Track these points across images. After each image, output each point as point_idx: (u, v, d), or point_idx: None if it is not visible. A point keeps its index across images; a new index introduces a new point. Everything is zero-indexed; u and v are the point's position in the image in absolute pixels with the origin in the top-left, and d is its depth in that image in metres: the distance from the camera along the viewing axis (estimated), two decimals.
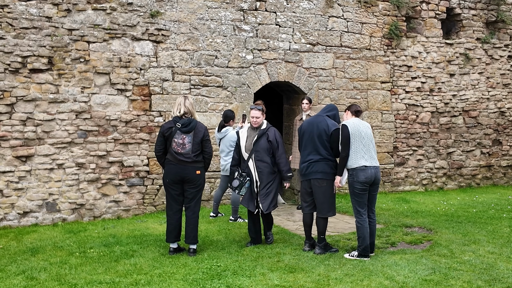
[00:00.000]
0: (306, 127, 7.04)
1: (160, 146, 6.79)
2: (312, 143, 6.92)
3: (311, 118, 7.21)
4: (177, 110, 6.77)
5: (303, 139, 7.06)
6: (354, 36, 10.82)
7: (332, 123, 6.94)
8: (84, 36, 8.65)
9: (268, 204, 7.13)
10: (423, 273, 5.94)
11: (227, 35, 9.71)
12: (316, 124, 6.96)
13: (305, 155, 6.99)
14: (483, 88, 12.25)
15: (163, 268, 6.14)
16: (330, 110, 7.19)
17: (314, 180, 6.89)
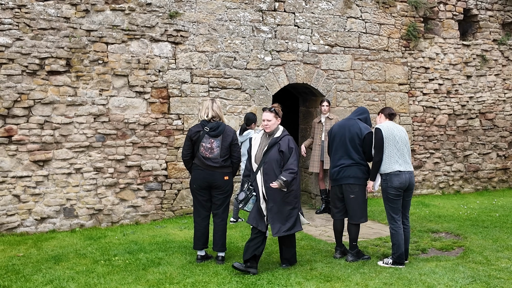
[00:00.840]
0: (337, 130, 6.85)
1: (187, 150, 6.60)
2: (344, 147, 6.71)
3: (342, 121, 7.00)
4: (204, 113, 6.58)
5: (333, 142, 6.86)
6: (372, 37, 10.66)
7: (364, 126, 6.76)
8: (103, 37, 8.44)
9: (279, 227, 6.11)
10: (463, 281, 5.77)
11: (246, 36, 9.53)
12: (348, 127, 6.75)
13: (336, 159, 6.79)
14: (500, 90, 12.12)
15: (195, 277, 5.95)
16: (362, 113, 6.99)
17: (346, 186, 6.70)
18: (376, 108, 10.76)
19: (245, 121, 8.52)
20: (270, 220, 6.11)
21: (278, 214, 6.10)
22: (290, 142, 6.24)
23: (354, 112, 7.10)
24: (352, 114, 7.09)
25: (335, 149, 6.80)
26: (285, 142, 6.21)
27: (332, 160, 6.88)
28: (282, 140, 6.22)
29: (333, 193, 6.90)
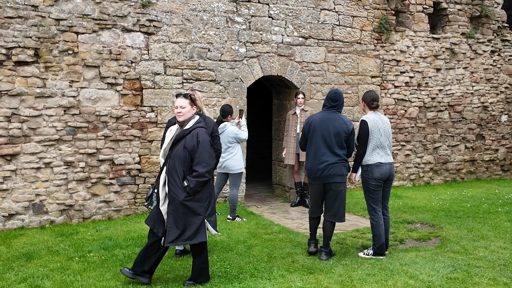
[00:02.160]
0: (318, 124, 6.37)
1: None
2: (327, 143, 6.31)
3: (322, 114, 6.46)
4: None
5: (313, 137, 6.39)
6: (345, 29, 10.66)
7: (348, 120, 6.45)
8: (73, 26, 8.15)
9: (176, 235, 5.16)
10: (444, 271, 5.82)
11: (220, 27, 9.37)
12: (331, 122, 6.33)
13: (318, 156, 6.35)
14: (468, 83, 12.32)
15: (175, 272, 5.81)
16: (336, 100, 6.42)
17: (332, 184, 6.37)
18: (349, 101, 10.79)
19: (221, 113, 8.39)
20: (168, 225, 5.23)
21: (177, 220, 5.17)
22: (199, 135, 5.23)
23: (330, 99, 6.47)
24: (327, 101, 6.49)
25: (316, 145, 6.36)
26: (193, 136, 5.23)
27: (313, 156, 6.39)
28: (190, 134, 5.26)
29: (315, 191, 6.50)
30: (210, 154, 5.27)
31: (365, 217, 8.88)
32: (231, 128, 8.30)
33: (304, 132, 6.56)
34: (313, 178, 6.43)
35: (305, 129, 6.53)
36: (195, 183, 5.13)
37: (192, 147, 5.17)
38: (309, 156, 6.49)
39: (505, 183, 12.28)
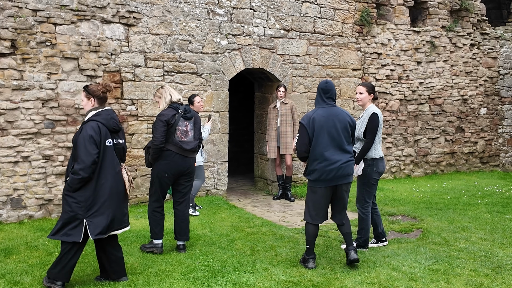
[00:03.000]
0: (323, 120, 5.68)
1: (164, 136, 6.15)
2: (336, 140, 5.69)
3: (324, 110, 5.76)
4: (170, 97, 6.30)
5: (320, 136, 5.69)
6: (327, 22, 10.64)
7: (348, 113, 5.98)
8: (50, 17, 7.97)
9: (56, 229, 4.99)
10: (426, 262, 5.86)
11: (201, 19, 9.27)
12: (336, 116, 5.72)
13: (329, 155, 5.66)
14: (448, 76, 12.42)
15: (157, 266, 5.74)
16: (333, 92, 5.84)
17: (344, 185, 5.79)
18: None
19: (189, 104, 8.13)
20: None
21: (62, 213, 5.06)
22: (83, 130, 4.98)
23: (322, 91, 5.83)
24: (321, 95, 5.85)
25: (324, 144, 5.68)
26: (80, 130, 5.02)
27: (322, 156, 5.68)
28: (81, 127, 5.06)
29: (322, 195, 5.76)
30: (87, 151, 4.86)
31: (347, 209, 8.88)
32: None
33: (307, 133, 5.71)
34: (324, 180, 5.69)
35: (307, 129, 5.71)
36: (71, 179, 4.93)
37: (74, 141, 5.03)
38: (315, 157, 5.72)
39: (484, 175, 12.44)
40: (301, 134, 5.77)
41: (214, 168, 9.53)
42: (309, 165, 5.82)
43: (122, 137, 5.29)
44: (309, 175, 5.81)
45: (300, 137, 5.78)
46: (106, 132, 5.04)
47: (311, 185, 5.81)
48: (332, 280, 5.30)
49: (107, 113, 5.13)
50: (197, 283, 5.20)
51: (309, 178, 5.82)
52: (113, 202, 5.06)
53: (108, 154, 5.04)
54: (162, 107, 6.33)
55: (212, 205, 8.90)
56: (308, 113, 5.86)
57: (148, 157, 6.35)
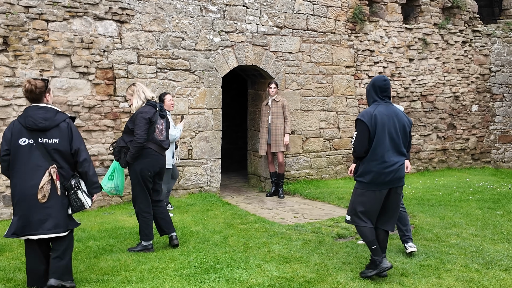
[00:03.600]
0: (385, 118, 5.26)
1: (147, 134, 6.10)
2: (395, 140, 5.29)
3: (385, 108, 5.32)
4: (144, 94, 6.19)
5: (381, 135, 5.24)
6: (319, 19, 10.66)
7: (404, 113, 5.58)
8: (42, 14, 7.95)
9: None
10: (418, 258, 5.91)
11: (194, 16, 9.27)
12: (396, 115, 5.33)
13: (389, 156, 5.26)
14: (440, 73, 12.49)
15: (151, 263, 5.75)
16: (387, 89, 5.38)
17: (398, 188, 5.41)
18: (324, 91, 10.82)
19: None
20: None
21: None
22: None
23: (379, 89, 5.38)
24: (376, 92, 5.39)
25: (384, 144, 5.24)
26: None
27: (380, 157, 5.26)
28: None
29: (375, 198, 5.31)
30: None
31: (340, 206, 8.96)
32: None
33: (368, 131, 5.24)
34: (380, 183, 5.27)
35: (369, 127, 5.23)
36: None
37: None
38: (374, 158, 5.27)
39: (475, 171, 12.53)
40: (360, 132, 5.28)
41: (207, 165, 9.54)
42: (363, 165, 5.33)
43: (59, 136, 4.82)
44: (361, 176, 5.33)
45: (360, 135, 5.28)
46: (20, 130, 4.77)
47: (362, 187, 5.33)
48: (324, 276, 5.33)
49: (27, 111, 4.87)
50: (190, 279, 5.22)
51: (361, 180, 5.34)
52: (24, 205, 4.76)
53: (20, 153, 4.76)
54: (138, 105, 6.17)
55: (205, 202, 8.91)
56: (367, 109, 5.39)
57: (124, 157, 6.15)
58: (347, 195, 9.56)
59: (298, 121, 10.51)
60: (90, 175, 4.95)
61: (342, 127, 11.11)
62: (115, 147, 6.28)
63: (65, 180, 4.86)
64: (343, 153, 11.20)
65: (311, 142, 10.75)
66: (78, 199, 4.92)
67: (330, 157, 11.04)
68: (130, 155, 6.10)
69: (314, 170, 10.83)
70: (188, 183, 9.35)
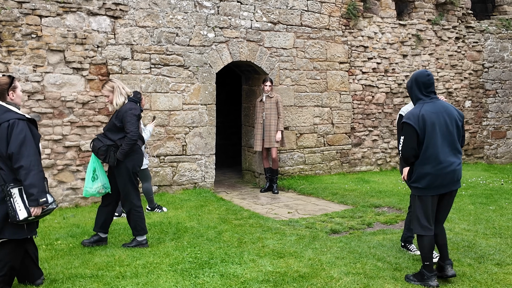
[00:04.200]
0: (434, 117, 4.91)
1: (138, 131, 6.13)
2: (448, 139, 4.94)
3: (432, 106, 4.98)
4: (124, 90, 6.14)
5: (432, 135, 4.90)
6: (313, 15, 10.67)
7: (453, 106, 5.28)
8: (36, 9, 7.92)
9: None
10: (410, 253, 5.95)
11: (188, 11, 9.26)
12: (445, 110, 4.99)
13: (444, 156, 4.91)
14: (433, 69, 12.53)
15: (145, 258, 5.77)
16: (434, 87, 5.07)
17: (454, 191, 5.09)
18: (318, 87, 10.84)
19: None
20: None
21: None
22: None
23: (423, 85, 5.03)
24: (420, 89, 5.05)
25: (436, 144, 4.91)
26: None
27: (435, 159, 4.91)
28: None
29: (431, 202, 4.99)
30: None
31: (333, 201, 9.00)
32: None
33: (416, 134, 4.91)
34: (436, 187, 4.94)
35: (417, 129, 4.89)
36: None
37: None
38: (427, 160, 4.92)
39: (468, 167, 12.60)
40: (407, 135, 4.94)
41: (202, 161, 9.55)
42: (416, 170, 4.99)
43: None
44: (417, 182, 4.99)
45: (407, 139, 4.95)
46: None
47: (420, 193, 4.99)
48: (318, 271, 5.37)
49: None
50: (184, 274, 5.24)
51: (416, 185, 5.01)
52: None
53: None
54: (120, 101, 6.09)
55: (200, 198, 8.93)
56: (412, 110, 5.02)
57: (112, 154, 6.02)
58: (340, 190, 9.62)
59: (292, 117, 10.53)
60: (26, 185, 4.50)
61: (336, 123, 11.14)
62: (101, 146, 6.05)
63: (4, 184, 4.55)
64: (337, 148, 11.24)
65: (305, 138, 10.78)
66: (12, 208, 4.51)
67: (324, 152, 11.07)
68: (122, 152, 6.03)
69: (308, 165, 10.86)
70: (182, 179, 9.36)
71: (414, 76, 5.08)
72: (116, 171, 6.17)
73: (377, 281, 5.12)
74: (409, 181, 5.12)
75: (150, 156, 8.43)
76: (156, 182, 9.09)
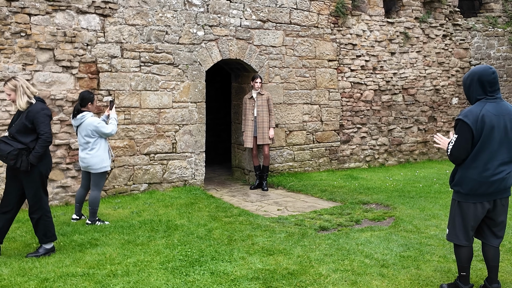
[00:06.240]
0: (494, 120, 4.47)
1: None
2: (503, 145, 4.53)
3: (494, 106, 4.51)
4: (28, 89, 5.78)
5: (489, 138, 4.48)
6: (302, 13, 10.74)
7: None
8: (25, 8, 7.91)
9: None
10: (398, 249, 6.06)
11: (178, 9, 9.28)
12: (508, 113, 4.55)
13: (496, 163, 4.51)
14: (421, 67, 12.66)
15: (136, 256, 5.82)
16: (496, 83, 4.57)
17: (504, 199, 4.67)
18: (307, 84, 10.92)
19: (79, 101, 7.20)
20: None
21: None
22: None
23: (488, 84, 4.53)
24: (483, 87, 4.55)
25: (492, 149, 4.50)
26: None
27: (484, 164, 4.52)
28: None
29: (474, 211, 4.60)
30: None
31: (322, 198, 9.09)
32: (90, 120, 7.12)
33: (472, 135, 4.48)
34: (482, 195, 4.55)
35: (473, 130, 4.46)
36: None
37: None
38: (476, 164, 4.53)
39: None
40: (461, 135, 4.50)
41: (192, 158, 9.60)
42: (461, 173, 4.61)
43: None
44: (458, 185, 4.64)
45: (461, 139, 4.51)
46: None
47: (461, 199, 4.65)
48: (307, 268, 5.46)
49: None
50: (175, 272, 5.31)
51: (458, 189, 4.66)
52: None
53: None
54: (23, 101, 5.69)
55: (190, 195, 8.98)
56: (471, 108, 4.56)
57: (25, 159, 5.65)
58: (329, 187, 9.73)
59: (281, 114, 10.61)
60: None
61: (324, 120, 11.23)
62: (11, 150, 5.61)
63: None
64: (326, 145, 11.34)
65: (294, 135, 10.86)
66: None
67: (313, 149, 11.16)
68: (36, 155, 5.67)
69: (297, 162, 10.95)
70: (172, 177, 9.40)
71: (477, 74, 4.54)
72: (27, 177, 5.76)
73: (365, 277, 5.21)
74: (451, 183, 4.76)
75: (113, 157, 7.84)
76: (146, 180, 9.14)
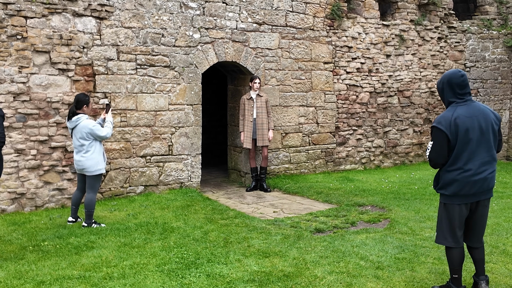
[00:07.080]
0: (468, 122, 4.56)
1: None
2: (482, 145, 4.61)
3: (466, 109, 4.61)
4: None
5: (465, 139, 4.56)
6: (298, 16, 10.78)
7: (490, 108, 4.85)
8: (21, 10, 7.92)
9: None
10: (393, 251, 6.09)
11: (174, 12, 9.31)
12: (481, 114, 4.63)
13: (475, 163, 4.59)
14: (416, 69, 12.72)
15: (132, 259, 5.84)
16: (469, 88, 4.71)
17: (486, 200, 4.76)
18: (303, 87, 10.96)
19: (74, 103, 7.18)
20: None
21: None
22: None
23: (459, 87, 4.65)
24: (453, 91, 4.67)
25: (470, 149, 4.57)
26: None
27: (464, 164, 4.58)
28: None
29: (459, 212, 4.69)
30: None
31: (318, 200, 9.13)
32: (85, 122, 7.09)
33: (447, 140, 4.56)
34: (465, 196, 4.64)
35: (448, 135, 4.54)
36: None
37: None
38: (456, 166, 4.60)
39: None
40: (437, 141, 4.59)
41: (188, 160, 9.62)
42: (443, 176, 4.68)
43: None
44: (443, 188, 4.70)
45: (436, 145, 4.60)
46: None
47: (446, 201, 4.72)
48: (302, 270, 5.48)
49: None
50: (171, 275, 5.33)
51: (443, 192, 4.72)
52: None
53: None
54: None
55: (186, 198, 9.00)
56: (444, 113, 4.65)
57: None
58: (325, 189, 9.76)
59: (277, 117, 10.64)
60: None
61: (320, 122, 11.27)
62: None
63: None
64: (321, 147, 11.37)
65: (290, 137, 10.90)
66: None
67: (309, 152, 11.20)
68: None
69: (293, 165, 10.99)
70: (168, 179, 9.42)
71: (446, 77, 4.69)
72: None
73: (360, 279, 5.24)
74: (435, 187, 4.84)
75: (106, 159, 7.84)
76: (142, 182, 9.15)
